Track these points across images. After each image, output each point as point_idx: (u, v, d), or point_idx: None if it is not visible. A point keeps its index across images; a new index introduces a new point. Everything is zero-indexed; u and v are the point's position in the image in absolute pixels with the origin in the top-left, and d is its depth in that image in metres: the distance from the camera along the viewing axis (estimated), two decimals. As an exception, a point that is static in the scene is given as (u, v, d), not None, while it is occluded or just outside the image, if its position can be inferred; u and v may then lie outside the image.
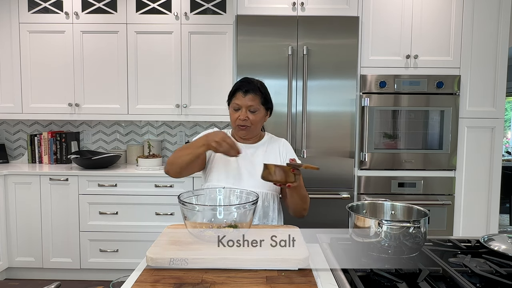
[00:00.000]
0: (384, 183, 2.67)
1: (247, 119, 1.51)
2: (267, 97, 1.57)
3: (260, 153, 1.60)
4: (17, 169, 2.97)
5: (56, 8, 3.01)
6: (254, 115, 1.53)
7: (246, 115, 1.51)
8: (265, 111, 1.58)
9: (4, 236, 2.87)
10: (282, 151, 1.63)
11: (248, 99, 1.51)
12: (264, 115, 1.58)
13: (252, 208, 1.21)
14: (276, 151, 1.62)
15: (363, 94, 2.63)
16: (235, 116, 1.53)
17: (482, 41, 2.65)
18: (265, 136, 1.67)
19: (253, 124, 1.53)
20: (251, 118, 1.52)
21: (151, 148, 3.17)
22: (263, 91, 1.56)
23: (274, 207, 1.56)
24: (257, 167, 1.53)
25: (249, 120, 1.52)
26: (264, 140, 1.65)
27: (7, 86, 3.07)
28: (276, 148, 1.63)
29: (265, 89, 1.58)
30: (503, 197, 3.37)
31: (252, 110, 1.52)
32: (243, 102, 1.51)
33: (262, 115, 1.56)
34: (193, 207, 1.20)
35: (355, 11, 2.62)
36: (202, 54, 3.02)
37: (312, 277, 1.01)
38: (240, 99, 1.52)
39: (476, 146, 2.69)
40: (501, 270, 1.05)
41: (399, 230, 1.10)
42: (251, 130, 1.55)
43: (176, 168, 1.49)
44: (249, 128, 1.54)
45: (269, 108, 1.60)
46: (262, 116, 1.57)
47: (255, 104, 1.52)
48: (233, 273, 1.03)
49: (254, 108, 1.52)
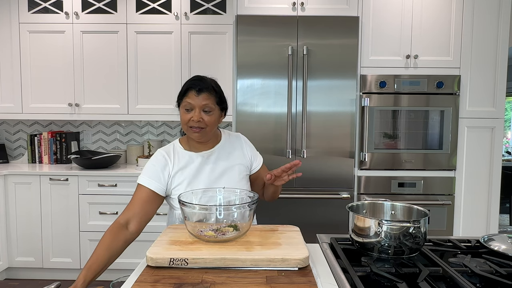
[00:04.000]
0: (384, 183, 2.67)
1: (201, 120, 1.38)
2: (222, 97, 1.45)
3: (224, 157, 1.51)
4: (17, 169, 2.97)
5: (56, 8, 3.01)
6: (209, 115, 1.40)
7: (200, 116, 1.38)
8: (220, 111, 1.46)
9: (4, 236, 2.87)
10: (246, 149, 1.56)
11: (202, 98, 1.38)
12: (219, 116, 1.45)
13: (252, 208, 1.21)
14: (239, 151, 1.55)
15: (363, 94, 2.63)
16: (187, 117, 1.39)
17: (482, 41, 2.65)
18: (222, 136, 1.56)
19: (208, 126, 1.40)
20: (205, 119, 1.39)
21: (151, 148, 3.17)
22: (217, 90, 1.44)
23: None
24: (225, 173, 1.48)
25: (203, 121, 1.39)
26: (223, 141, 1.54)
27: (7, 86, 3.07)
28: (239, 146, 1.56)
29: (220, 88, 1.46)
30: (503, 197, 3.38)
31: (206, 110, 1.39)
32: (196, 101, 1.38)
33: (217, 116, 1.44)
34: (193, 207, 1.20)
35: (355, 11, 2.62)
36: (202, 54, 3.02)
37: (312, 277, 1.01)
38: (193, 98, 1.38)
39: (476, 146, 2.69)
40: (501, 270, 1.04)
41: (399, 230, 1.10)
42: (206, 132, 1.42)
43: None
44: (204, 130, 1.41)
45: (224, 109, 1.48)
46: (217, 117, 1.44)
47: (210, 103, 1.39)
48: (233, 273, 1.02)
49: (209, 108, 1.39)
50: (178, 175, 1.45)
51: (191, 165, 1.47)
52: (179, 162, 1.46)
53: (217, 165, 1.49)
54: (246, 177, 1.55)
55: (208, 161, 1.49)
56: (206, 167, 1.48)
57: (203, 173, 1.47)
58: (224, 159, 1.51)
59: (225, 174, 1.49)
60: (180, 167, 1.46)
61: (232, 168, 1.51)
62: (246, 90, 2.57)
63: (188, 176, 1.45)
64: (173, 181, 1.45)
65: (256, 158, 1.59)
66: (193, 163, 1.47)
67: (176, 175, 1.45)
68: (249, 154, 1.57)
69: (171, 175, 1.45)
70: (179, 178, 1.45)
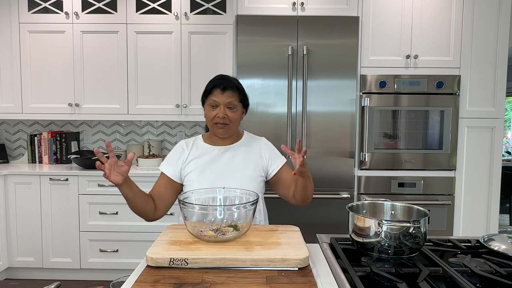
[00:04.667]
0: (384, 183, 2.67)
1: (226, 116, 1.47)
2: (244, 94, 1.55)
3: (240, 155, 1.55)
4: (17, 169, 2.97)
5: (56, 8, 3.01)
6: (233, 112, 1.49)
7: (225, 113, 1.47)
8: (242, 108, 1.55)
9: (4, 236, 2.87)
10: (264, 151, 1.58)
11: (226, 96, 1.48)
12: (241, 112, 1.55)
13: (252, 208, 1.21)
14: (257, 151, 1.57)
15: (363, 94, 2.63)
16: (212, 114, 1.48)
17: (482, 41, 2.65)
18: (244, 136, 1.62)
19: (232, 122, 1.50)
20: (230, 115, 1.48)
21: (151, 148, 3.17)
22: (240, 88, 1.53)
23: (260, 209, 1.54)
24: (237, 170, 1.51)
25: (228, 118, 1.48)
26: (243, 140, 1.60)
27: (7, 86, 3.07)
28: (257, 148, 1.58)
29: (242, 86, 1.55)
30: (503, 197, 3.38)
31: (230, 107, 1.49)
32: (221, 99, 1.48)
33: (240, 113, 1.53)
34: (193, 207, 1.20)
35: (355, 11, 2.62)
36: (202, 54, 3.02)
37: (312, 277, 1.01)
38: (218, 96, 1.48)
39: (476, 146, 2.69)
40: (501, 270, 1.05)
41: (399, 230, 1.10)
42: (230, 128, 1.51)
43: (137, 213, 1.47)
44: (228, 126, 1.50)
45: (246, 106, 1.57)
46: (240, 113, 1.54)
47: (234, 101, 1.49)
48: (233, 273, 1.02)
49: (233, 105, 1.49)
50: (192, 164, 1.53)
51: (206, 155, 1.54)
52: (195, 151, 1.55)
53: (231, 160, 1.53)
54: (260, 179, 1.55)
55: (223, 155, 1.54)
56: (219, 160, 1.53)
57: (215, 165, 1.52)
58: (240, 157, 1.55)
59: (237, 171, 1.51)
60: (195, 156, 1.54)
61: (245, 166, 1.53)
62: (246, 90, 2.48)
63: (200, 165, 1.52)
64: (186, 168, 1.53)
65: (274, 161, 1.57)
66: (208, 154, 1.55)
67: (190, 163, 1.53)
68: (267, 157, 1.57)
69: (185, 162, 1.53)
70: (192, 166, 1.52)
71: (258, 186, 1.53)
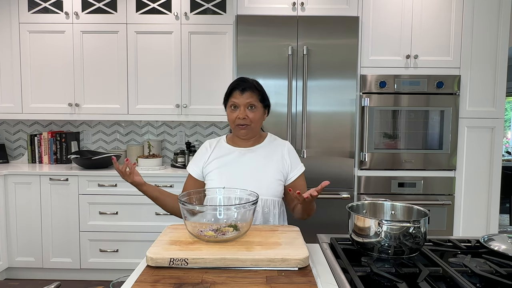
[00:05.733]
0: (384, 183, 2.67)
1: (246, 117, 1.49)
2: (264, 95, 1.56)
3: (260, 157, 1.55)
4: (17, 169, 2.97)
5: (56, 8, 3.01)
6: (253, 112, 1.51)
7: (245, 113, 1.49)
8: (263, 109, 1.56)
9: (4, 236, 2.87)
10: (286, 156, 1.57)
11: (246, 96, 1.50)
12: (262, 113, 1.56)
13: (252, 208, 1.21)
14: (279, 155, 1.56)
15: (363, 94, 2.63)
16: (233, 116, 1.51)
17: (482, 41, 2.65)
18: (266, 138, 1.62)
19: (253, 122, 1.51)
20: (250, 116, 1.50)
21: (151, 148, 3.17)
22: (259, 88, 1.54)
23: (274, 213, 1.52)
24: (256, 172, 1.51)
25: (248, 119, 1.50)
26: (265, 143, 1.60)
27: (7, 86, 3.07)
28: (279, 152, 1.57)
29: (261, 87, 1.56)
30: (503, 197, 3.38)
31: (250, 107, 1.50)
32: (241, 100, 1.50)
33: (261, 113, 1.54)
34: (193, 207, 1.20)
35: (355, 11, 2.62)
36: (202, 54, 3.02)
37: (312, 277, 1.01)
38: (237, 97, 1.50)
39: (476, 146, 2.69)
40: (501, 270, 1.05)
41: (399, 230, 1.10)
42: (251, 129, 1.53)
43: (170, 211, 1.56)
44: (249, 127, 1.52)
45: (267, 106, 1.58)
46: (261, 114, 1.55)
47: (253, 101, 1.50)
48: (233, 273, 1.02)
49: (253, 105, 1.51)
50: (213, 163, 1.56)
51: (227, 156, 1.57)
52: (217, 152, 1.59)
53: (251, 162, 1.54)
54: (279, 183, 1.54)
55: (244, 156, 1.56)
56: (240, 161, 1.54)
57: (235, 165, 1.54)
58: (259, 160, 1.55)
59: (257, 173, 1.51)
60: (217, 156, 1.58)
61: (266, 169, 1.53)
62: None
63: (221, 165, 1.54)
64: (208, 167, 1.57)
65: (295, 167, 1.57)
66: (229, 155, 1.57)
67: (212, 162, 1.57)
68: (288, 162, 1.57)
69: (207, 162, 1.58)
70: (213, 165, 1.56)
71: (277, 189, 1.53)
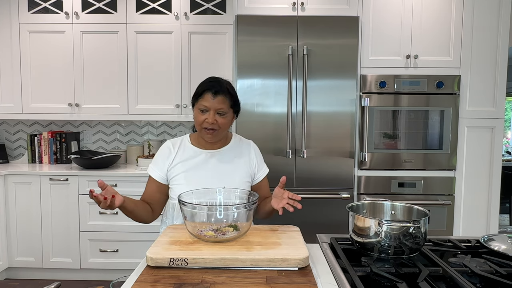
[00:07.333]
0: (384, 183, 2.67)
1: (215, 122, 1.41)
2: (236, 100, 1.48)
3: (228, 159, 1.52)
4: (17, 169, 2.97)
5: (56, 8, 3.01)
6: (223, 118, 1.43)
7: (215, 118, 1.41)
8: (233, 114, 1.49)
9: (4, 236, 2.87)
10: (253, 158, 1.56)
11: (217, 101, 1.41)
12: (232, 118, 1.49)
13: (252, 208, 1.21)
14: (246, 157, 1.55)
15: (363, 94, 2.63)
16: (201, 119, 1.42)
17: (482, 41, 2.65)
18: (232, 139, 1.58)
19: (221, 128, 1.44)
20: (219, 121, 1.42)
21: (151, 148, 3.17)
22: (232, 92, 1.46)
23: None
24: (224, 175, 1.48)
25: (217, 124, 1.42)
26: (231, 144, 1.56)
27: (7, 86, 3.07)
28: (246, 153, 1.56)
29: (234, 91, 1.49)
30: (503, 197, 3.38)
31: (221, 113, 1.42)
32: (212, 104, 1.41)
33: (230, 118, 1.47)
34: (193, 207, 1.20)
35: (355, 11, 2.62)
36: (202, 54, 3.02)
37: (312, 277, 1.01)
38: (208, 101, 1.41)
39: (476, 146, 2.69)
40: (501, 270, 1.05)
41: (399, 230, 1.10)
42: (218, 134, 1.46)
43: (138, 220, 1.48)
44: (216, 132, 1.45)
45: (237, 111, 1.51)
46: (230, 119, 1.48)
47: (225, 107, 1.42)
48: (233, 273, 1.03)
49: (223, 111, 1.42)
50: (178, 167, 1.49)
51: (193, 159, 1.50)
52: (182, 154, 1.51)
53: (219, 165, 1.51)
54: (247, 185, 1.54)
55: (211, 160, 1.51)
56: (207, 165, 1.50)
57: (202, 170, 1.49)
58: (228, 162, 1.52)
59: (225, 176, 1.49)
60: (182, 159, 1.50)
61: (234, 172, 1.51)
62: (246, 90, 2.57)
63: (187, 168, 1.49)
64: (173, 171, 1.50)
65: (261, 168, 1.58)
66: (195, 158, 1.51)
67: (176, 166, 1.49)
68: (255, 162, 1.56)
69: (171, 165, 1.50)
70: (179, 169, 1.49)
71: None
